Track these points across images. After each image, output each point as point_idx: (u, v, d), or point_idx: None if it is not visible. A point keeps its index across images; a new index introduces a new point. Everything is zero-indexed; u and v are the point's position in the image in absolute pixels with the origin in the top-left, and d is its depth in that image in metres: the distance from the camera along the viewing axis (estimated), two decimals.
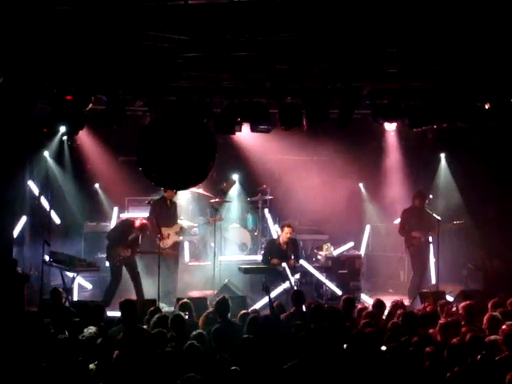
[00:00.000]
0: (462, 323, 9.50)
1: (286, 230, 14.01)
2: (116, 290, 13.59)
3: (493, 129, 13.62)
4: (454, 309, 10.59)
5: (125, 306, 10.10)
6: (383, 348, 8.53)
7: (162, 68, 12.09)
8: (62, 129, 13.48)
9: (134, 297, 12.86)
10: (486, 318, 9.34)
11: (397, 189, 16.00)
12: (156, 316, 9.58)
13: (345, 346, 8.84)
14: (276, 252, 13.94)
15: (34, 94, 11.94)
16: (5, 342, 8.80)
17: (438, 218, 13.88)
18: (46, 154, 15.24)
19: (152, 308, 10.37)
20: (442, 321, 9.50)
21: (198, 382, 6.85)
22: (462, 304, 10.20)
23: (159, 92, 12.73)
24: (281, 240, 14.05)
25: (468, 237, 15.40)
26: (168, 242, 14.22)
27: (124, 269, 13.74)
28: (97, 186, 16.29)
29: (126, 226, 13.90)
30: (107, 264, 14.27)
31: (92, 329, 8.64)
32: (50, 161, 15.39)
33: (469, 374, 7.39)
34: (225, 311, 9.79)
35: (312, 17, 10.29)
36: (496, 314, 9.44)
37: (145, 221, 13.82)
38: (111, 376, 7.35)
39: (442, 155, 16.58)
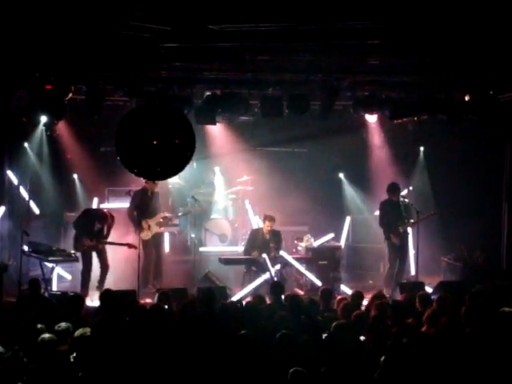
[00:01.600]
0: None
1: (268, 223, 14.01)
2: (89, 277, 13.58)
3: (472, 121, 13.70)
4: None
5: (105, 296, 10.11)
6: (362, 338, 8.56)
7: (143, 58, 12.03)
8: (42, 118, 13.41)
9: (113, 286, 12.81)
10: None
11: (377, 180, 16.02)
12: (135, 307, 9.60)
13: (323, 336, 8.88)
14: (259, 242, 13.94)
15: (13, 84, 11.87)
16: None
17: (418, 209, 13.94)
18: (26, 143, 15.10)
19: (131, 299, 10.36)
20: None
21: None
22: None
23: (139, 82, 12.69)
24: (264, 230, 14.04)
25: (447, 228, 15.48)
26: (148, 234, 14.20)
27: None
28: (75, 176, 16.20)
29: (89, 215, 13.90)
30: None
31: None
32: (29, 151, 15.26)
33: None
34: (211, 301, 9.84)
35: (294, 7, 10.26)
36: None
37: (105, 211, 13.80)
38: (90, 366, 7.31)
39: (421, 148, 16.67)
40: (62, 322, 8.90)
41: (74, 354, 7.93)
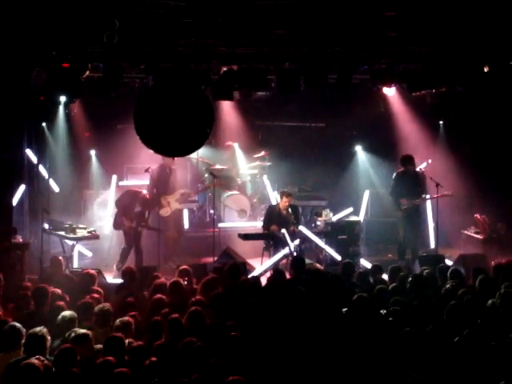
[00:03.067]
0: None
1: (285, 199, 13.93)
2: (128, 254, 13.66)
3: (492, 92, 13.56)
4: None
5: (126, 273, 10.20)
6: (382, 311, 8.57)
7: (159, 34, 11.99)
8: (59, 97, 13.42)
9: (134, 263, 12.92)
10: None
11: (395, 153, 15.94)
12: (156, 282, 9.67)
13: (344, 310, 8.91)
14: (276, 218, 13.91)
15: (31, 62, 11.87)
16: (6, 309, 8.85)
17: (438, 182, 13.86)
18: (43, 122, 15.14)
19: (152, 275, 10.41)
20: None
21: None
22: None
23: (156, 59, 12.64)
24: (281, 206, 14.02)
25: (467, 200, 15.39)
26: (168, 210, 14.24)
27: None
28: (92, 152, 16.25)
29: (130, 197, 13.92)
30: (106, 231, 14.33)
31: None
32: (47, 130, 15.31)
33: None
34: (236, 276, 9.88)
35: None
36: None
37: (147, 195, 13.81)
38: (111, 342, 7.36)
39: (441, 122, 16.55)
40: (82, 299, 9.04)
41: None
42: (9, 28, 11.12)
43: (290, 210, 13.82)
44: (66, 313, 8.26)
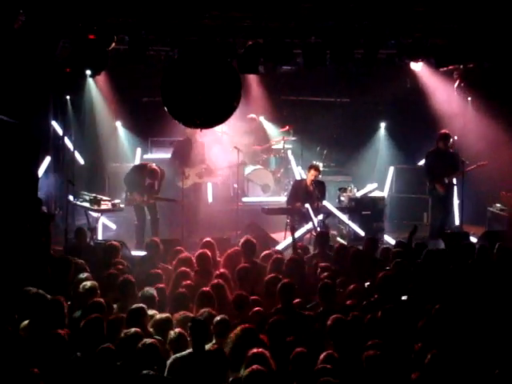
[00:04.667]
0: None
1: (313, 172, 13.85)
2: (143, 231, 13.68)
3: None
4: None
5: (150, 246, 10.23)
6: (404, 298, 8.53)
7: (185, 7, 11.94)
8: (85, 69, 13.43)
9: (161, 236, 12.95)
10: None
11: (421, 130, 15.83)
12: (180, 256, 9.71)
13: (366, 284, 8.91)
14: (302, 193, 13.87)
15: (57, 34, 11.87)
16: (31, 281, 8.92)
17: (464, 159, 13.77)
18: (68, 95, 15.17)
19: (175, 248, 10.43)
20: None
21: None
22: None
23: (182, 32, 12.60)
24: (307, 181, 13.97)
25: (493, 178, 15.24)
26: (187, 183, 14.18)
27: None
28: (118, 124, 16.28)
29: (139, 171, 13.89)
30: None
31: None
32: (73, 101, 15.35)
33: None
34: (252, 252, 9.88)
35: None
36: None
37: (155, 166, 13.81)
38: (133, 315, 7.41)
39: (469, 98, 16.35)
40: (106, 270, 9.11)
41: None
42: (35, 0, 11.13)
43: (315, 184, 13.79)
44: (87, 282, 8.29)
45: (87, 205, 13.49)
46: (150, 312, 7.63)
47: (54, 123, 14.84)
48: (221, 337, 6.98)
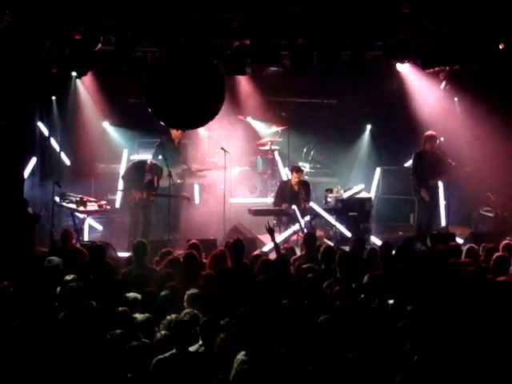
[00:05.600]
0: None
1: (295, 174, 13.97)
2: (135, 230, 13.57)
3: (506, 70, 13.42)
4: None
5: (137, 247, 10.16)
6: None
7: (172, 8, 11.93)
8: (71, 70, 13.39)
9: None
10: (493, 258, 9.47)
11: (408, 131, 15.86)
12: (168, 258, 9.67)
13: (353, 285, 8.91)
14: (288, 194, 13.92)
15: (43, 34, 11.83)
16: (15, 282, 8.87)
17: (451, 161, 13.82)
18: (54, 96, 15.11)
19: (163, 250, 10.39)
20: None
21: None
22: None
23: (169, 33, 12.59)
24: (292, 182, 14.01)
25: (479, 180, 15.28)
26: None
27: None
28: (105, 124, 16.24)
29: (138, 167, 13.85)
30: (117, 205, 14.33)
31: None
32: (59, 102, 15.29)
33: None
34: (238, 253, 9.85)
35: None
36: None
37: (154, 162, 13.77)
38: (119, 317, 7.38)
39: (455, 99, 16.38)
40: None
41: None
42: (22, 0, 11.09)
43: (300, 185, 13.83)
44: (73, 284, 8.24)
45: (73, 206, 13.44)
46: (135, 315, 7.59)
47: (39, 124, 14.78)
48: (207, 338, 6.94)
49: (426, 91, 15.73)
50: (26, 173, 13.36)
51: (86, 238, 13.55)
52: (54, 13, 11.62)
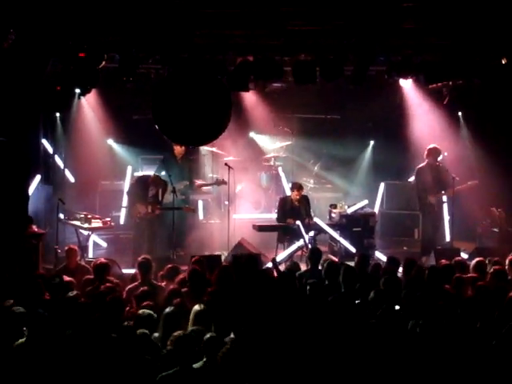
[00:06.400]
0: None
1: (296, 192, 13.97)
2: (140, 245, 13.45)
3: (509, 85, 13.43)
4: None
5: (142, 264, 10.15)
6: (397, 307, 8.52)
7: (175, 25, 11.97)
8: (76, 87, 13.44)
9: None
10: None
11: (411, 146, 15.86)
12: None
13: (357, 301, 8.88)
14: (288, 210, 13.92)
15: (47, 52, 11.88)
16: (20, 299, 8.87)
17: (454, 175, 13.83)
18: (58, 113, 15.14)
19: (169, 265, 10.38)
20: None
21: None
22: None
23: (172, 49, 12.63)
24: (292, 198, 14.02)
25: (483, 194, 15.26)
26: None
27: None
28: (110, 141, 16.27)
29: (142, 182, 13.87)
30: (122, 222, 14.33)
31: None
32: (63, 119, 15.32)
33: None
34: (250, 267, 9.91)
35: None
36: None
37: (158, 176, 13.78)
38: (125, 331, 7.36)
39: (460, 113, 16.39)
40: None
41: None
42: (25, 17, 11.12)
43: (300, 200, 13.86)
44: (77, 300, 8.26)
45: (78, 223, 13.46)
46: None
47: (44, 141, 14.81)
48: (211, 355, 6.92)
49: (428, 106, 15.76)
50: (31, 190, 13.36)
51: (90, 255, 13.56)
52: (57, 31, 11.67)
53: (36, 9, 10.96)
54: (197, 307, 8.05)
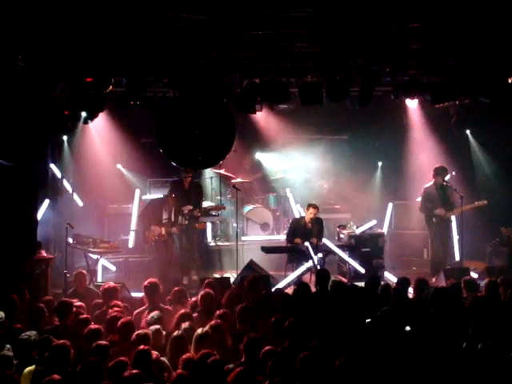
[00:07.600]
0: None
1: (312, 210, 13.92)
2: (163, 270, 13.54)
3: None
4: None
5: (149, 288, 10.14)
6: (407, 328, 8.47)
7: (182, 48, 12.03)
8: (83, 111, 13.49)
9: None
10: None
11: (418, 166, 15.86)
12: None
13: (367, 321, 8.84)
14: (301, 231, 13.89)
15: (55, 77, 11.95)
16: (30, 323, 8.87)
17: (461, 194, 13.82)
18: (66, 137, 15.19)
19: (176, 288, 10.38)
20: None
21: None
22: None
23: (179, 73, 12.69)
24: (306, 219, 13.99)
25: (492, 213, 15.23)
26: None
27: None
28: (119, 166, 16.32)
29: (155, 204, 13.97)
30: (130, 245, 14.34)
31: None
32: (69, 144, 15.37)
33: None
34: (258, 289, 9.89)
35: None
36: None
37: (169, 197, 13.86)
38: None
39: (468, 131, 16.37)
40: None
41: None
42: (33, 43, 11.21)
43: (313, 222, 13.83)
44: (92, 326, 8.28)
45: (86, 247, 13.47)
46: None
47: (52, 166, 14.87)
48: (217, 379, 6.88)
49: (435, 126, 15.78)
50: (39, 215, 13.39)
51: (99, 279, 13.56)
52: (65, 56, 11.75)
53: (43, 34, 11.04)
54: (199, 331, 8.01)
